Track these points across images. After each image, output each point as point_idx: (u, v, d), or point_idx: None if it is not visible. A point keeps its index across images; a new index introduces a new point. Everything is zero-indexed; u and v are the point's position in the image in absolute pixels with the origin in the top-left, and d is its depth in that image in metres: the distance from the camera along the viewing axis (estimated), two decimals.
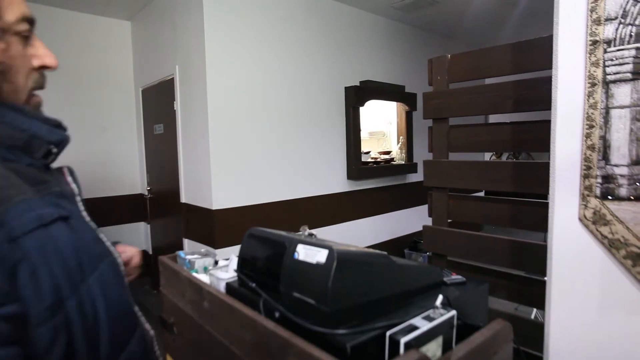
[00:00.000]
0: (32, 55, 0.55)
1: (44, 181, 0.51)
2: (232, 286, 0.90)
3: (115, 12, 3.48)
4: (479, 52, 1.64)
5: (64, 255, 0.46)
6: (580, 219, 0.87)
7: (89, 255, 0.50)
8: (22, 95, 0.53)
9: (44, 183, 0.51)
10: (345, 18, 3.49)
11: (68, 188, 0.58)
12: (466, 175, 1.62)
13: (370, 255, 0.74)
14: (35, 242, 0.43)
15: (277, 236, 0.81)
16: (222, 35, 2.69)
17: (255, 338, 0.75)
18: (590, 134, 0.85)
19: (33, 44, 0.56)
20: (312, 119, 3.23)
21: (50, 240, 0.45)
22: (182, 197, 3.07)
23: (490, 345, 0.75)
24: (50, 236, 0.45)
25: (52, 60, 0.57)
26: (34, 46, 0.56)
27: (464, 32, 4.56)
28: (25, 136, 0.51)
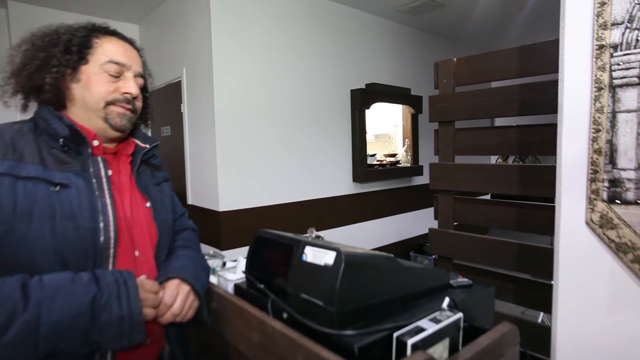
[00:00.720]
0: (119, 86, 0.83)
1: (66, 162, 0.75)
2: (240, 287, 0.92)
3: (123, 15, 3.52)
4: (485, 56, 1.64)
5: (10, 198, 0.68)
6: (587, 223, 0.87)
7: (43, 210, 0.69)
8: (99, 104, 0.80)
9: (66, 163, 0.75)
10: (351, 21, 3.50)
11: (95, 172, 0.78)
12: (472, 178, 1.62)
13: (377, 257, 0.75)
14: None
15: (285, 238, 0.83)
16: (229, 38, 2.71)
17: (263, 338, 0.76)
18: (596, 138, 0.85)
19: (125, 77, 0.84)
20: (318, 122, 3.24)
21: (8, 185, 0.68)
22: (189, 199, 3.09)
23: (496, 348, 0.75)
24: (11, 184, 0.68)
25: (132, 89, 0.84)
26: (124, 79, 0.84)
27: (470, 34, 4.56)
28: (52, 131, 0.76)
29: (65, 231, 0.70)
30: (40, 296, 0.62)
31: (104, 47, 0.82)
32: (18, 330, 0.59)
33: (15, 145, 0.72)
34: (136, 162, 0.88)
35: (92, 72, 0.80)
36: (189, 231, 1.05)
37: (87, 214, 0.73)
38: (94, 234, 0.73)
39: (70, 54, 0.78)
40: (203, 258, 1.00)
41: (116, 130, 0.84)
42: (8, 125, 0.77)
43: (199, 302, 0.86)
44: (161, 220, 0.89)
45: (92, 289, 0.66)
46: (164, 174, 1.00)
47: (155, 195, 0.90)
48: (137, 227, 0.83)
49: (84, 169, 0.76)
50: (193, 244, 1.01)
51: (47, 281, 0.65)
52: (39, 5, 3.16)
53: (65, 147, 0.76)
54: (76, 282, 0.66)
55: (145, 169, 0.92)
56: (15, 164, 0.70)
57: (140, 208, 0.85)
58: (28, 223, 0.68)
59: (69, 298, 0.64)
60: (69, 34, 0.80)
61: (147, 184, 0.90)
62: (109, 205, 0.77)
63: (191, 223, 1.09)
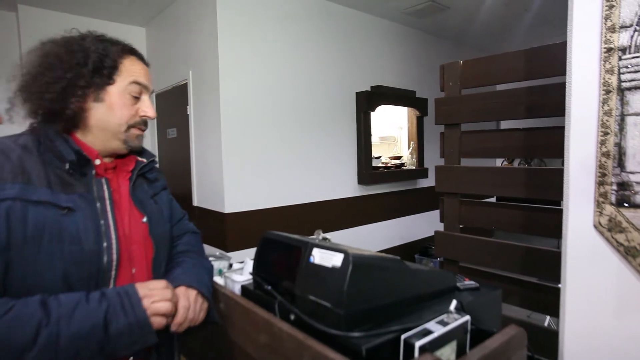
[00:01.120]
0: (139, 108, 0.84)
1: (71, 183, 0.75)
2: (247, 288, 0.92)
3: (130, 18, 3.56)
4: (491, 58, 1.64)
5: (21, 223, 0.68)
6: (595, 226, 0.87)
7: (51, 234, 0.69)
8: (122, 128, 0.81)
9: (71, 184, 0.75)
10: (356, 24, 3.51)
11: (99, 194, 0.78)
12: (478, 180, 1.62)
13: (385, 259, 0.75)
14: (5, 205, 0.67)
15: (292, 240, 0.83)
16: (235, 41, 2.73)
17: (270, 339, 0.76)
18: (605, 141, 0.85)
19: (142, 99, 0.84)
20: (324, 124, 3.25)
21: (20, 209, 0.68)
22: (195, 201, 3.11)
23: (504, 351, 0.75)
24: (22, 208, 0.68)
25: (150, 112, 0.85)
26: (142, 101, 0.84)
27: (474, 37, 4.55)
28: (58, 153, 0.75)
29: (73, 254, 0.71)
30: (60, 313, 0.65)
31: (127, 67, 0.81)
32: (41, 346, 0.62)
33: (24, 166, 0.71)
34: (133, 177, 0.87)
35: (116, 93, 0.79)
36: (189, 235, 1.05)
37: (91, 237, 0.74)
38: (98, 256, 0.74)
39: (99, 75, 0.77)
40: (205, 260, 1.00)
41: (131, 150, 0.86)
42: (11, 141, 0.74)
43: (207, 303, 0.87)
44: (157, 234, 0.88)
45: (103, 304, 0.69)
46: (162, 183, 0.99)
47: (151, 209, 0.89)
48: (134, 244, 0.82)
49: (88, 191, 0.76)
50: (193, 247, 1.01)
51: (63, 299, 0.68)
52: (48, 9, 3.20)
53: (70, 170, 0.75)
54: (90, 299, 0.69)
55: (142, 182, 0.91)
56: (25, 187, 0.69)
57: (138, 224, 0.85)
58: (38, 246, 0.69)
59: (84, 314, 0.67)
60: (97, 52, 0.78)
61: (143, 198, 0.89)
62: (111, 226, 0.78)
63: (192, 225, 1.08)
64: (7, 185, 0.68)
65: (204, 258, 1.00)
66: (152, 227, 0.87)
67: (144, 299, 0.72)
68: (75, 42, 0.79)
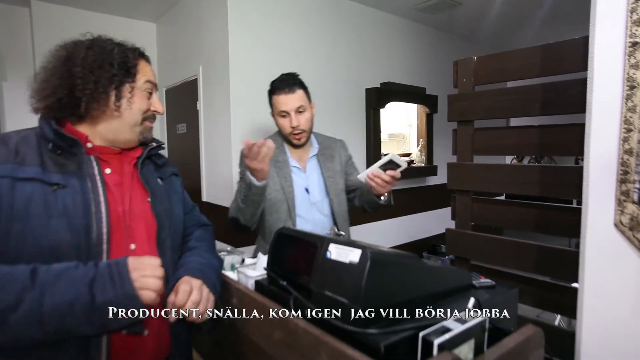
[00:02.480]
0: (150, 103, 0.92)
1: (62, 163, 0.80)
2: (261, 284, 0.92)
3: (141, 14, 3.57)
4: (506, 54, 1.61)
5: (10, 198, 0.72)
6: (616, 225, 0.85)
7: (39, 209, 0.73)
8: (138, 120, 0.89)
9: (62, 164, 0.79)
10: (367, 19, 3.49)
11: (89, 171, 0.82)
12: (492, 178, 1.60)
13: (402, 256, 0.74)
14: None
15: (308, 235, 0.83)
16: (246, 36, 2.72)
17: (286, 335, 0.76)
18: (628, 138, 0.83)
19: (153, 96, 0.93)
20: (333, 120, 3.24)
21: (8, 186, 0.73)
22: (204, 196, 3.12)
23: (521, 351, 0.74)
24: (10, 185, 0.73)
25: (159, 108, 0.94)
26: (153, 98, 0.93)
27: (486, 34, 4.49)
28: (45, 136, 0.80)
29: (59, 228, 0.74)
30: (45, 279, 0.68)
31: (142, 68, 0.90)
32: (25, 310, 0.65)
33: (18, 150, 0.77)
34: (142, 157, 0.92)
35: (134, 90, 0.88)
36: (201, 229, 1.07)
37: (80, 211, 0.77)
38: (86, 229, 0.77)
39: (123, 73, 0.85)
40: (213, 257, 1.00)
41: (143, 142, 0.92)
42: (15, 132, 0.82)
43: (214, 296, 0.88)
44: (160, 210, 0.91)
45: (90, 272, 0.71)
46: (173, 169, 1.05)
47: (155, 187, 0.93)
48: (134, 221, 0.85)
49: (79, 169, 0.81)
50: (203, 242, 1.02)
51: (54, 268, 0.70)
52: (61, 4, 3.22)
53: (57, 150, 0.80)
54: (78, 267, 0.72)
55: (149, 165, 0.96)
56: (16, 167, 0.75)
57: (141, 203, 0.88)
58: (25, 221, 0.73)
59: (69, 280, 0.69)
60: (120, 54, 0.86)
61: (149, 178, 0.93)
62: (102, 202, 0.81)
63: (203, 218, 1.12)
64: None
65: (212, 255, 1.01)
66: (155, 204, 0.90)
67: (133, 271, 0.73)
68: (101, 44, 0.86)
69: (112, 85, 0.83)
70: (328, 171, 1.62)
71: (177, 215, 0.98)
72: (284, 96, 1.50)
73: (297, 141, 1.55)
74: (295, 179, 1.57)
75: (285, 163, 1.58)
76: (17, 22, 3.20)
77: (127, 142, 0.90)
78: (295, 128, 1.51)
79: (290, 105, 1.50)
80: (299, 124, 1.50)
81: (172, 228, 0.93)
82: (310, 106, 1.57)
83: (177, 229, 0.96)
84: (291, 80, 1.53)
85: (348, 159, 1.74)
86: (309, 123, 1.55)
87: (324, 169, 1.62)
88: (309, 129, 1.57)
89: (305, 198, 1.56)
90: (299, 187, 1.56)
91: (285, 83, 1.52)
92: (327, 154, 1.66)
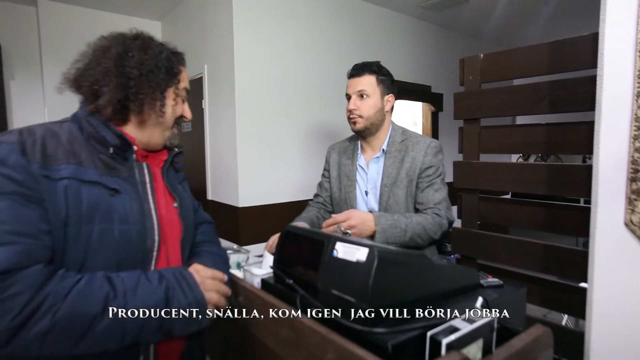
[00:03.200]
0: (181, 108, 0.91)
1: (115, 167, 0.78)
2: (268, 282, 0.92)
3: (146, 12, 3.58)
4: (513, 51, 1.60)
5: (77, 201, 0.69)
6: (627, 224, 0.84)
7: (102, 213, 0.72)
8: (171, 124, 0.89)
9: (115, 169, 0.78)
10: (372, 17, 3.47)
11: (141, 178, 0.82)
12: (499, 176, 1.59)
13: (409, 254, 0.74)
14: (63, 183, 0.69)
15: (315, 234, 0.82)
16: (251, 34, 2.72)
17: (292, 334, 0.75)
18: (638, 136, 0.82)
19: (185, 103, 0.93)
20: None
21: (75, 188, 0.70)
22: (209, 194, 3.13)
23: (530, 351, 0.73)
24: (77, 187, 0.70)
25: (189, 115, 0.94)
26: (185, 105, 0.93)
27: (491, 31, 4.46)
28: (101, 138, 0.77)
29: (122, 234, 0.74)
30: (125, 287, 0.68)
31: (183, 75, 0.90)
32: (111, 317, 0.64)
33: (74, 149, 0.74)
34: (167, 164, 0.92)
35: (174, 95, 0.87)
36: (205, 225, 1.08)
37: (137, 218, 0.77)
38: (143, 237, 0.77)
39: (169, 77, 0.85)
40: (221, 249, 1.03)
41: (169, 146, 0.92)
42: (56, 126, 0.77)
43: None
44: (185, 217, 0.92)
45: (163, 282, 0.72)
46: (182, 175, 1.07)
47: (181, 194, 0.94)
48: (168, 226, 0.86)
49: (130, 175, 0.80)
50: (210, 237, 1.05)
51: (124, 276, 0.70)
52: (67, 3, 3.24)
53: (114, 155, 0.78)
54: (149, 277, 0.72)
55: (171, 170, 0.96)
56: (78, 168, 0.72)
57: (171, 208, 0.88)
58: (92, 225, 0.71)
59: (146, 289, 0.70)
60: (168, 58, 0.86)
61: (174, 183, 0.93)
62: (152, 209, 0.81)
63: (207, 215, 1.13)
64: (62, 166, 0.70)
65: (220, 248, 1.03)
66: (182, 210, 0.90)
67: (196, 275, 0.78)
68: (151, 45, 0.85)
69: (161, 89, 0.83)
70: (387, 177, 1.40)
71: (193, 222, 0.99)
72: (350, 80, 1.44)
73: (352, 125, 1.43)
74: (359, 180, 1.45)
75: (352, 160, 1.47)
76: (23, 21, 3.22)
77: (156, 145, 0.89)
78: (352, 112, 1.41)
79: (352, 88, 1.42)
80: (356, 108, 1.40)
81: (191, 234, 0.95)
82: (379, 95, 1.42)
83: (192, 234, 0.98)
84: (361, 65, 1.44)
85: (426, 167, 1.40)
86: (370, 110, 1.40)
87: (385, 174, 1.40)
88: (371, 118, 1.41)
89: (363, 202, 1.44)
90: (361, 189, 1.44)
91: (355, 67, 1.44)
92: (397, 156, 1.41)
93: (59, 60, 3.11)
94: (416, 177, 1.38)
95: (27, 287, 0.59)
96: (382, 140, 1.45)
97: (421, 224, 1.25)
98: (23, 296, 0.59)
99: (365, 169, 1.45)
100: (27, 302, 0.59)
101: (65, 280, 0.64)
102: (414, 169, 1.38)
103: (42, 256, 0.64)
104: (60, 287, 0.63)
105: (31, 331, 0.58)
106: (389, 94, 1.46)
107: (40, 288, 0.61)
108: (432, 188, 1.38)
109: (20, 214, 0.63)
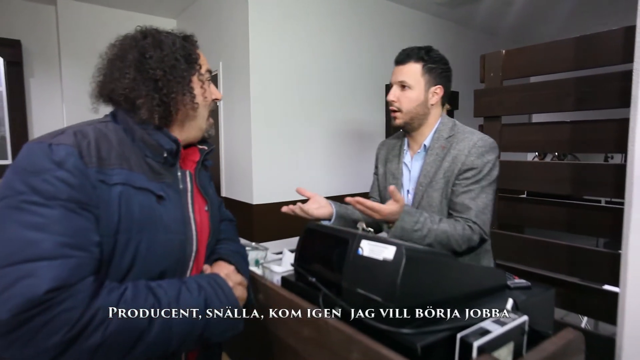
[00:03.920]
0: (210, 92, 0.86)
1: (160, 173, 0.75)
2: (288, 280, 0.91)
3: (162, 10, 3.60)
4: (536, 48, 1.56)
5: (129, 208, 0.67)
6: None
7: (150, 221, 0.70)
8: (205, 114, 0.85)
9: (160, 174, 0.75)
10: (387, 15, 3.44)
11: (183, 185, 0.80)
12: (520, 175, 1.55)
13: (437, 254, 0.72)
14: (117, 189, 0.67)
15: (338, 231, 0.81)
16: (266, 32, 2.72)
17: (315, 333, 0.74)
18: None
19: (211, 85, 0.87)
20: (353, 116, 3.21)
21: (128, 195, 0.68)
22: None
23: (561, 356, 0.71)
24: (130, 193, 0.68)
25: (219, 95, 0.89)
26: (210, 86, 0.86)
27: (508, 28, 4.37)
28: (154, 143, 0.74)
29: (167, 242, 0.72)
30: (169, 299, 0.66)
31: (201, 59, 0.83)
32: (158, 328, 0.63)
33: (124, 152, 0.71)
34: (199, 166, 0.88)
35: (199, 82, 0.81)
36: (226, 222, 1.06)
37: (179, 227, 0.75)
38: (184, 246, 0.76)
39: (190, 67, 0.79)
40: (242, 248, 1.00)
41: (206, 137, 0.88)
42: (102, 126, 0.73)
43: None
44: (214, 220, 0.89)
45: (202, 292, 0.71)
46: (210, 172, 1.02)
47: (212, 196, 0.91)
48: (202, 232, 0.84)
49: (174, 181, 0.78)
50: (231, 235, 1.02)
51: (165, 285, 0.69)
52: (86, 2, 3.28)
53: (163, 160, 0.76)
54: (189, 287, 0.71)
55: (202, 170, 0.91)
56: (130, 173, 0.70)
57: (203, 212, 0.85)
58: (142, 234, 0.69)
59: (188, 300, 0.69)
60: (184, 46, 0.80)
61: (205, 185, 0.89)
62: (191, 217, 0.80)
63: (229, 213, 1.10)
64: (115, 171, 0.68)
65: (241, 246, 1.01)
66: (212, 214, 0.88)
67: (229, 281, 0.77)
68: (163, 39, 0.78)
69: (186, 81, 0.77)
70: (424, 176, 1.24)
71: (219, 220, 0.96)
72: (395, 67, 1.28)
73: (393, 120, 1.30)
74: (404, 177, 1.33)
75: (399, 158, 1.35)
76: (43, 19, 3.27)
77: (194, 140, 0.85)
78: (390, 103, 1.27)
79: (394, 77, 1.27)
80: (395, 100, 1.25)
81: (216, 236, 0.93)
82: (422, 86, 1.23)
83: (218, 234, 0.95)
84: (408, 51, 1.26)
85: (466, 169, 1.17)
86: (411, 104, 1.23)
87: (422, 173, 1.25)
88: (411, 112, 1.24)
89: (407, 201, 1.31)
90: (404, 188, 1.32)
91: (401, 53, 1.27)
92: (439, 153, 1.24)
93: (78, 57, 3.16)
94: (453, 178, 1.18)
95: (79, 302, 0.58)
96: (426, 136, 1.29)
97: (446, 232, 1.10)
98: (75, 311, 0.57)
99: (409, 166, 1.32)
100: (79, 318, 0.57)
101: (113, 293, 0.63)
102: (452, 169, 1.19)
103: (92, 269, 0.62)
104: (108, 301, 0.61)
105: (83, 345, 0.58)
106: (437, 85, 1.26)
107: (91, 302, 0.59)
108: (469, 195, 1.15)
109: (74, 225, 0.61)
